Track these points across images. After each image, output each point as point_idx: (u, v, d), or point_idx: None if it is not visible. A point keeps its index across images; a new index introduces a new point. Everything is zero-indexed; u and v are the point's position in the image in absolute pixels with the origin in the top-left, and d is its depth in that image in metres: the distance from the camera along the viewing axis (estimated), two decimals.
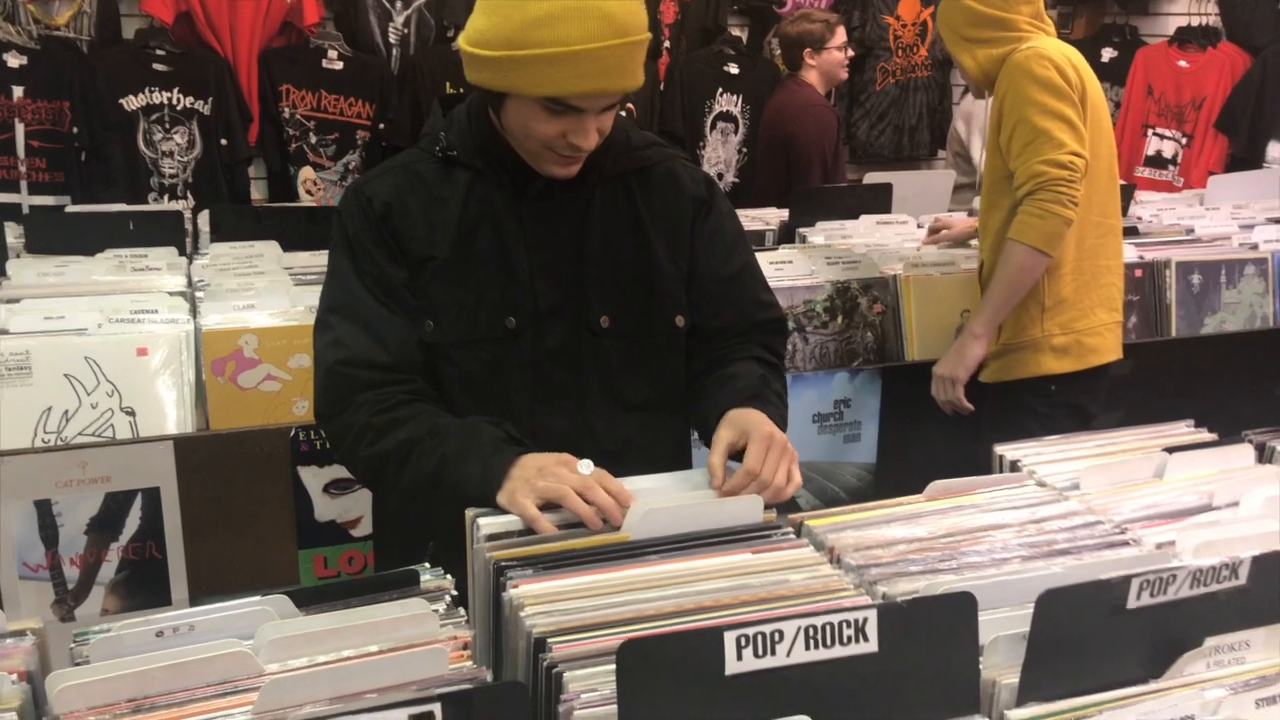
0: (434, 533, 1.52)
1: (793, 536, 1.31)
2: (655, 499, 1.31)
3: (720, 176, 4.87)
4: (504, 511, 1.30)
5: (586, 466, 1.32)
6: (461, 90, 1.59)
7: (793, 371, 2.61)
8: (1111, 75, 5.04)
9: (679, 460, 1.65)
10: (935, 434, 2.60)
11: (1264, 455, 1.61)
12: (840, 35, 3.96)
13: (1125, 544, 1.29)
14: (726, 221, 1.66)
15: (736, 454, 1.40)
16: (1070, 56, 2.43)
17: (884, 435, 2.71)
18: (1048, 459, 1.56)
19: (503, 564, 1.20)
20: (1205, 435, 1.68)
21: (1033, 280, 2.42)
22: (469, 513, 1.31)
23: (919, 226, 3.28)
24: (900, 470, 2.67)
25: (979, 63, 2.49)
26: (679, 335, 1.61)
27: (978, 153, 4.10)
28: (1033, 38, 2.46)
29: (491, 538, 1.26)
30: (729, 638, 0.91)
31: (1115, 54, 5.05)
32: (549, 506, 1.28)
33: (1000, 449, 1.59)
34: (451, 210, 1.52)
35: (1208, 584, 1.07)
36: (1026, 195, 2.36)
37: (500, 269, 1.52)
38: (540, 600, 1.13)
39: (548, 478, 1.29)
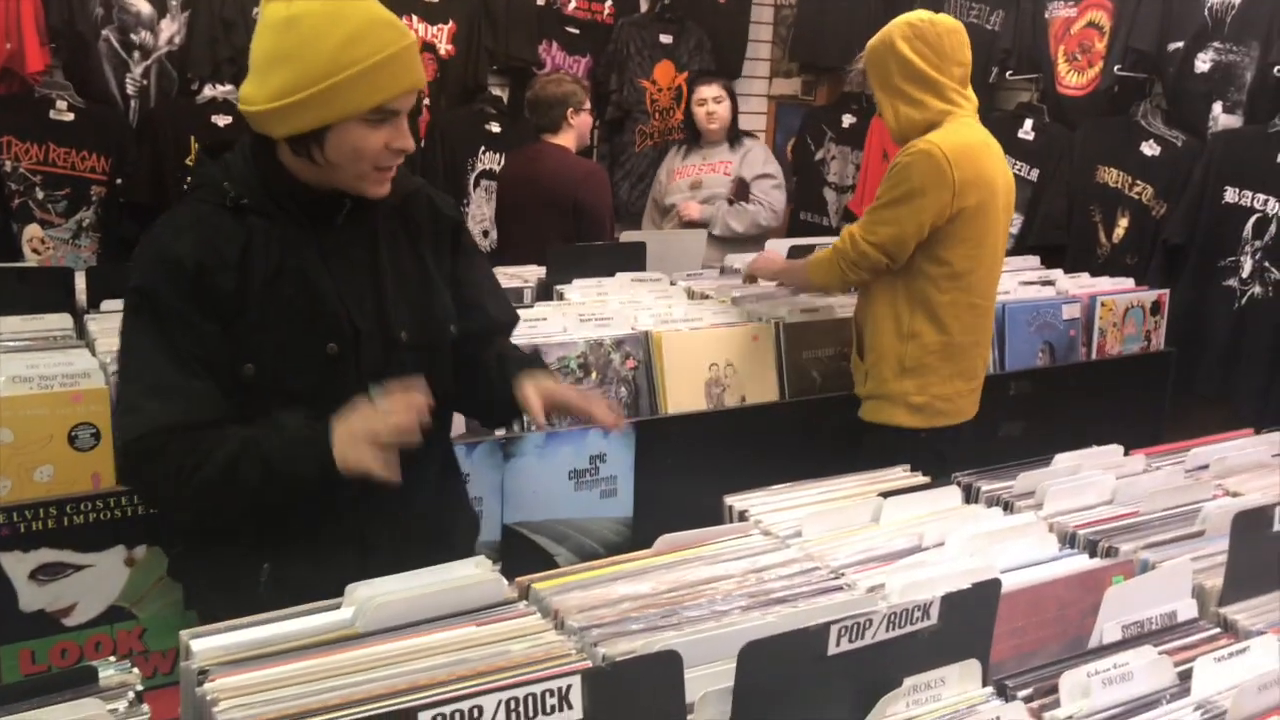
0: (267, 554, 1.65)
1: (521, 606, 1.28)
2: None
3: (485, 234, 4.85)
4: (223, 631, 1.17)
5: (379, 399, 1.55)
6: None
7: (548, 429, 2.59)
8: (851, 140, 5.38)
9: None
10: (690, 485, 2.64)
11: (970, 496, 1.72)
12: (588, 99, 4.09)
13: (839, 589, 1.34)
14: (471, 239, 1.92)
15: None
16: (964, 157, 2.57)
17: (640, 488, 2.73)
18: (774, 507, 1.61)
19: (206, 668, 1.10)
20: (919, 479, 1.78)
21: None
22: (182, 635, 1.16)
23: (671, 284, 3.36)
24: (657, 523, 2.67)
25: (899, 122, 2.66)
26: (450, 340, 1.81)
27: (674, 196, 4.52)
28: (951, 115, 2.62)
29: (202, 671, 1.10)
30: (424, 718, 0.87)
31: (855, 120, 5.40)
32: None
33: (729, 499, 1.63)
34: (255, 258, 1.61)
35: (903, 625, 1.12)
36: (835, 245, 2.76)
37: (311, 303, 1.64)
38: (239, 693, 1.05)
39: (359, 431, 1.51)
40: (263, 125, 1.59)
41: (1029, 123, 4.56)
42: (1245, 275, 3.85)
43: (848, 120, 5.42)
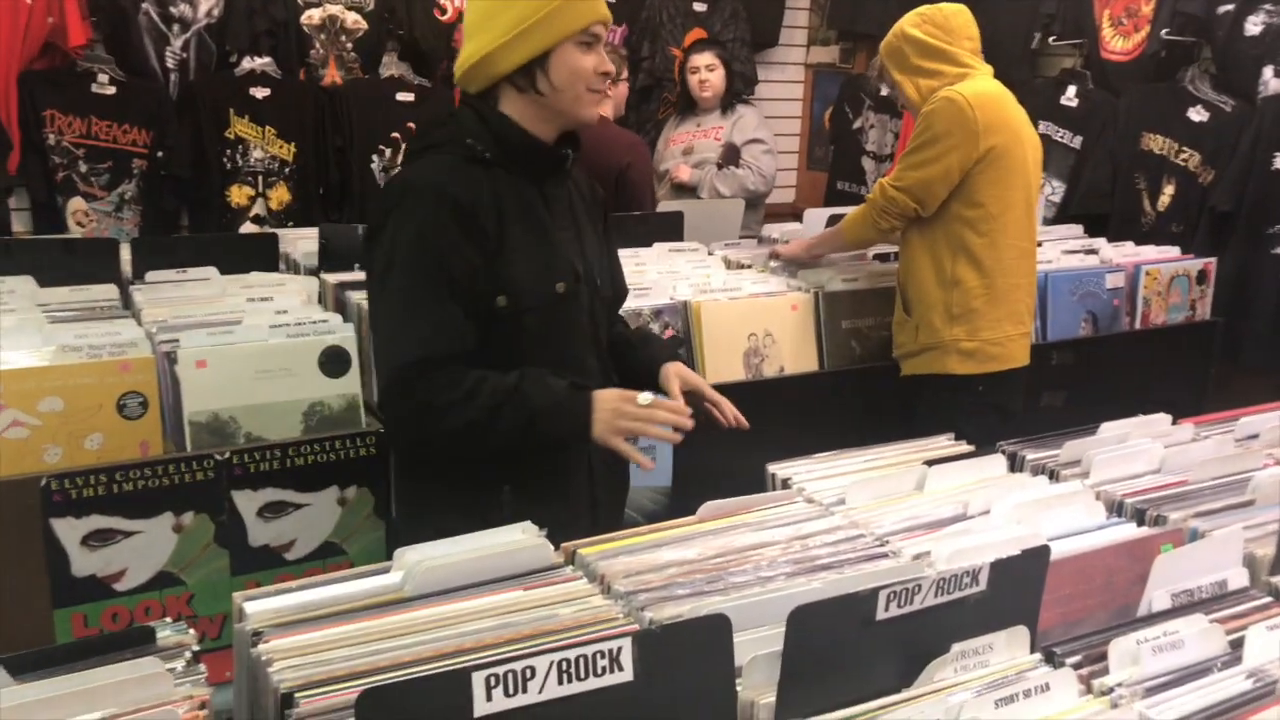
0: (507, 477, 1.79)
1: (567, 571, 1.29)
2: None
3: None
4: (275, 594, 1.19)
5: (646, 398, 1.74)
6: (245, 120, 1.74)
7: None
8: (890, 108, 5.32)
9: None
10: (729, 456, 2.64)
11: (1015, 465, 1.70)
12: (625, 68, 4.08)
13: (884, 556, 1.33)
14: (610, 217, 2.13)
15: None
16: (986, 102, 2.70)
17: (679, 457, 2.72)
18: (817, 475, 1.60)
19: (260, 630, 1.12)
20: (963, 447, 1.77)
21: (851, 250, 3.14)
22: (236, 597, 1.19)
23: (709, 253, 3.34)
24: (695, 492, 2.67)
25: (921, 93, 2.80)
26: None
27: (668, 162, 4.56)
28: (968, 76, 2.75)
29: (255, 633, 1.13)
30: (477, 678, 0.88)
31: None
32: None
33: (772, 467, 1.63)
34: (504, 202, 1.81)
35: (951, 591, 1.11)
36: (868, 198, 2.87)
37: (544, 245, 1.84)
38: (290, 654, 1.07)
39: (624, 418, 1.72)
40: (491, 67, 1.80)
41: (1072, 89, 4.48)
42: None
43: (886, 88, 5.34)
